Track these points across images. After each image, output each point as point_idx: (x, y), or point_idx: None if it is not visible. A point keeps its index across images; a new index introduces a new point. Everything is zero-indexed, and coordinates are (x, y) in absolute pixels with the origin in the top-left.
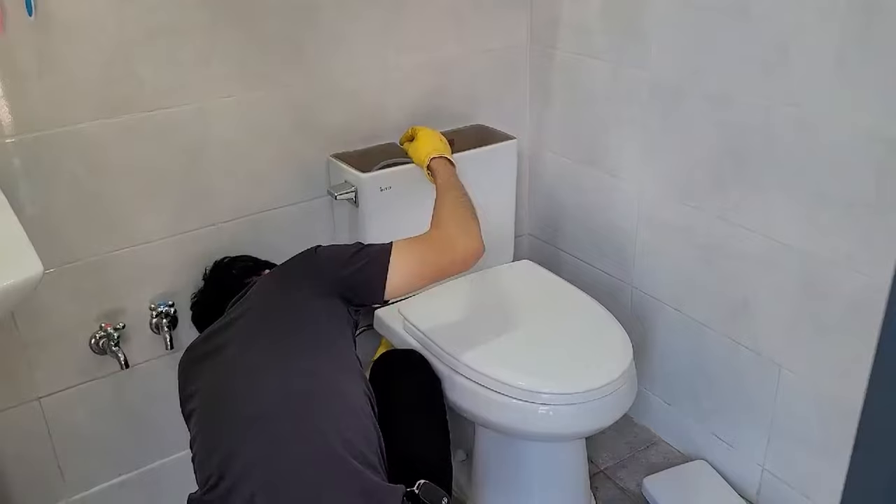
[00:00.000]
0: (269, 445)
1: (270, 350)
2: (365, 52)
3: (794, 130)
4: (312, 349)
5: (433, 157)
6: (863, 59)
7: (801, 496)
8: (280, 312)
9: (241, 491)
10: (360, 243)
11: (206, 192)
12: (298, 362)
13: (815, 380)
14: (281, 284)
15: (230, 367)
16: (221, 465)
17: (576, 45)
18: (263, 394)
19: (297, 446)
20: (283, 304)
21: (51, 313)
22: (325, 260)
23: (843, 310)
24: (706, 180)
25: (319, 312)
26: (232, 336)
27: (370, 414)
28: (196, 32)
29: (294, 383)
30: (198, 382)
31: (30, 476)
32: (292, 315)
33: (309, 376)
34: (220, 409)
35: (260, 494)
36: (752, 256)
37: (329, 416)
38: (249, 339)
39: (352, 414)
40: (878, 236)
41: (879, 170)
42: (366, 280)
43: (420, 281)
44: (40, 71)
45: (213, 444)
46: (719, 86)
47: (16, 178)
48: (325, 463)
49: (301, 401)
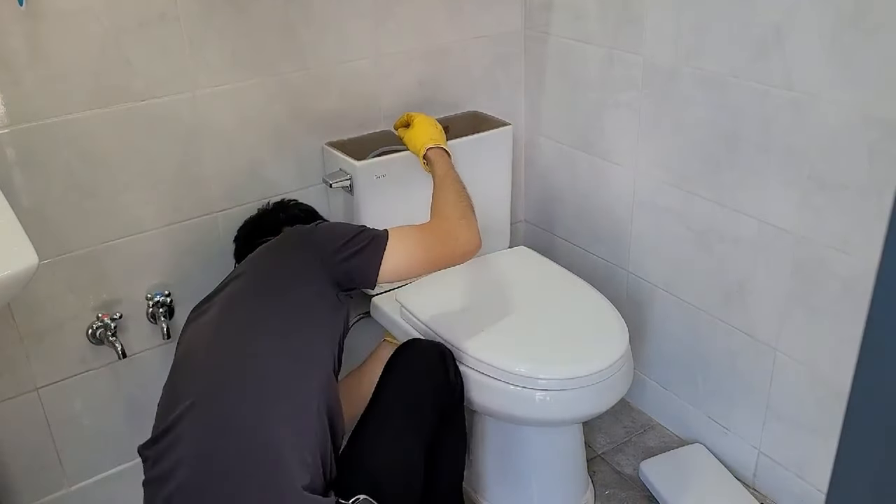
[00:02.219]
0: (203, 423)
1: (241, 325)
2: (358, 38)
3: (788, 113)
4: (281, 333)
5: (430, 148)
6: (856, 42)
7: (797, 478)
8: (263, 286)
9: (171, 457)
10: (362, 226)
11: (200, 182)
12: (263, 342)
13: (809, 362)
14: (272, 256)
15: (203, 331)
16: (167, 425)
17: (570, 30)
18: (219, 368)
19: (230, 433)
20: (269, 277)
21: (47, 304)
22: (323, 238)
23: (838, 293)
24: (700, 164)
25: (302, 294)
26: (217, 301)
27: (322, 413)
28: (188, 21)
29: (251, 364)
30: (181, 339)
31: (29, 466)
32: (274, 292)
33: (268, 359)
34: (182, 370)
35: (184, 467)
36: (747, 240)
37: (273, 406)
38: (228, 308)
39: (298, 409)
40: (871, 219)
41: (873, 152)
42: (360, 264)
43: (416, 268)
44: (32, 61)
45: (167, 401)
46: (713, 69)
47: (10, 168)
48: (254, 457)
49: (253, 383)
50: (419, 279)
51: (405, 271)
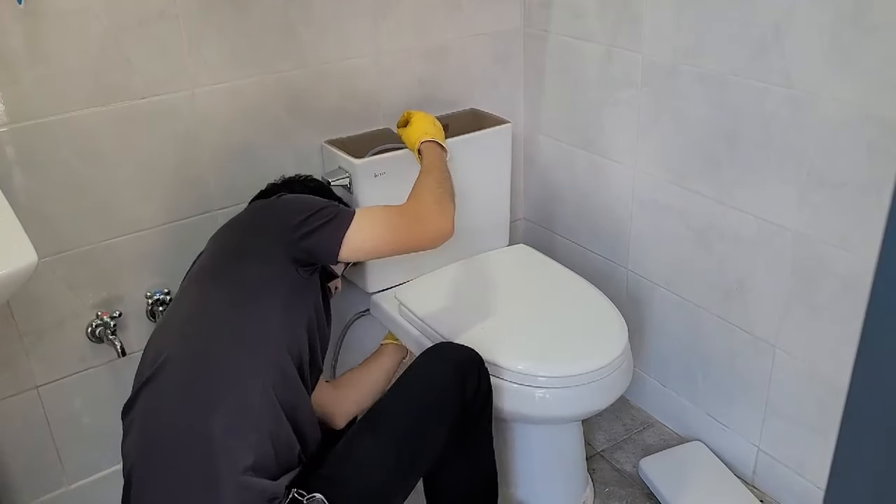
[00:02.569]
0: (147, 408)
1: (194, 304)
2: (358, 36)
3: (787, 111)
4: (228, 312)
5: (424, 141)
6: (856, 40)
7: (796, 475)
8: (221, 262)
9: (128, 438)
10: (328, 201)
11: (199, 180)
12: (206, 322)
13: (808, 360)
14: (231, 232)
15: (175, 304)
16: (129, 400)
17: (569, 28)
18: (167, 347)
19: (166, 416)
20: (226, 255)
21: (47, 302)
22: (283, 212)
23: (837, 290)
24: (700, 162)
25: (257, 270)
26: (190, 273)
27: (268, 390)
28: (188, 19)
29: (193, 345)
30: None
31: (29, 464)
32: (228, 269)
33: (210, 340)
34: (151, 341)
35: (134, 454)
36: (746, 238)
37: (209, 386)
38: (187, 287)
39: (237, 388)
40: (871, 216)
41: (872, 150)
42: (320, 240)
43: (382, 248)
44: (31, 59)
45: (139, 368)
46: (713, 67)
47: (9, 167)
48: (186, 440)
49: (194, 363)
50: (419, 276)
51: (370, 250)
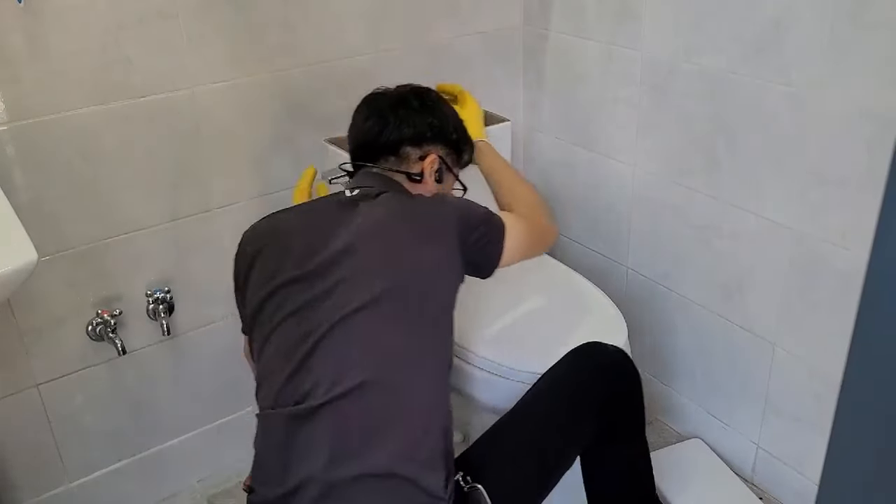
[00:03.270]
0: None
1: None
2: (357, 34)
3: (786, 108)
4: (401, 325)
5: (481, 140)
6: (855, 37)
7: (796, 472)
8: (392, 255)
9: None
10: (486, 209)
11: (200, 178)
12: (383, 337)
13: (808, 357)
14: (400, 229)
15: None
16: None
17: (569, 27)
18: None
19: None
20: (389, 259)
21: (47, 301)
22: (458, 215)
23: (836, 287)
24: (699, 160)
25: (435, 276)
26: (322, 254)
27: (440, 404)
28: (187, 17)
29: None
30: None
31: (30, 462)
32: (405, 271)
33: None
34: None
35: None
36: (746, 235)
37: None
38: (347, 276)
39: (413, 415)
40: (870, 214)
41: (871, 147)
42: (488, 253)
43: (516, 260)
44: (31, 57)
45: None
46: (712, 64)
47: (9, 165)
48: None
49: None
50: None
51: (507, 263)
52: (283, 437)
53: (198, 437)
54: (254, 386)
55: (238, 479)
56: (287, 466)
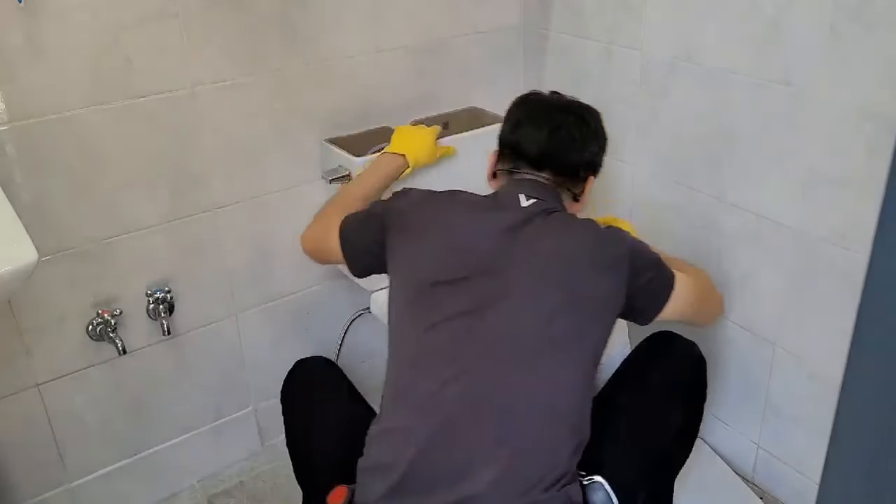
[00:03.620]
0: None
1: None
2: (357, 34)
3: (786, 108)
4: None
5: None
6: (855, 36)
7: (796, 472)
8: (568, 299)
9: None
10: (657, 256)
11: (200, 178)
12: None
13: (808, 357)
14: (577, 264)
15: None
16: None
17: (568, 26)
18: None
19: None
20: (577, 292)
21: (47, 300)
22: (632, 253)
23: (836, 287)
24: (699, 159)
25: (603, 309)
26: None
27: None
28: (187, 16)
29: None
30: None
31: (30, 462)
32: (581, 297)
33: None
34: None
35: None
36: (746, 235)
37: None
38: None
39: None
40: (870, 213)
41: (871, 147)
42: (653, 296)
43: (675, 318)
44: (31, 57)
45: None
46: (712, 64)
47: (9, 165)
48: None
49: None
50: None
51: (668, 317)
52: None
53: (198, 436)
54: (255, 384)
55: (238, 478)
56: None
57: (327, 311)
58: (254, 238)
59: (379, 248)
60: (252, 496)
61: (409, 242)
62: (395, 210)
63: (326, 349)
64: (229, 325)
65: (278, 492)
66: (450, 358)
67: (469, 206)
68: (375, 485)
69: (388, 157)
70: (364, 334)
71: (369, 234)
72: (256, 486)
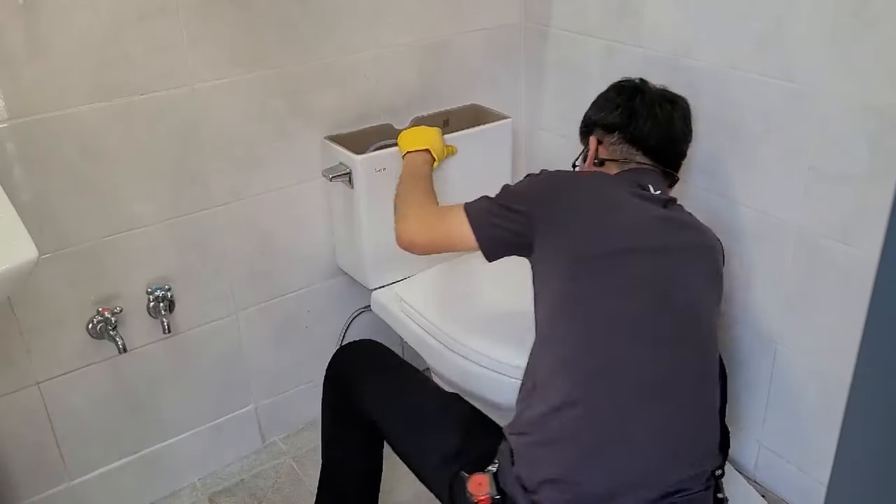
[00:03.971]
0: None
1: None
2: (358, 31)
3: (788, 104)
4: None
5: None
6: (857, 32)
7: (798, 470)
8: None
9: None
10: None
11: (200, 176)
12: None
13: (810, 355)
14: (708, 239)
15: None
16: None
17: (570, 23)
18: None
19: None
20: (716, 265)
21: (48, 298)
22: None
23: (838, 284)
24: (701, 156)
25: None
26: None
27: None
28: (187, 14)
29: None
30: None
31: (31, 460)
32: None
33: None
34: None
35: None
36: (748, 232)
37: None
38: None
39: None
40: (872, 210)
41: (873, 143)
42: None
43: None
44: (31, 55)
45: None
46: (713, 61)
47: (10, 163)
48: None
49: None
50: (420, 272)
51: None
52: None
53: (198, 435)
54: (255, 382)
55: (239, 476)
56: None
57: (328, 310)
58: (254, 236)
59: (526, 228)
60: (252, 494)
61: (574, 220)
62: (545, 189)
63: (326, 348)
64: (230, 324)
65: (279, 490)
66: (651, 335)
67: (618, 186)
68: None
69: (415, 155)
70: (364, 332)
71: (512, 218)
72: (257, 484)
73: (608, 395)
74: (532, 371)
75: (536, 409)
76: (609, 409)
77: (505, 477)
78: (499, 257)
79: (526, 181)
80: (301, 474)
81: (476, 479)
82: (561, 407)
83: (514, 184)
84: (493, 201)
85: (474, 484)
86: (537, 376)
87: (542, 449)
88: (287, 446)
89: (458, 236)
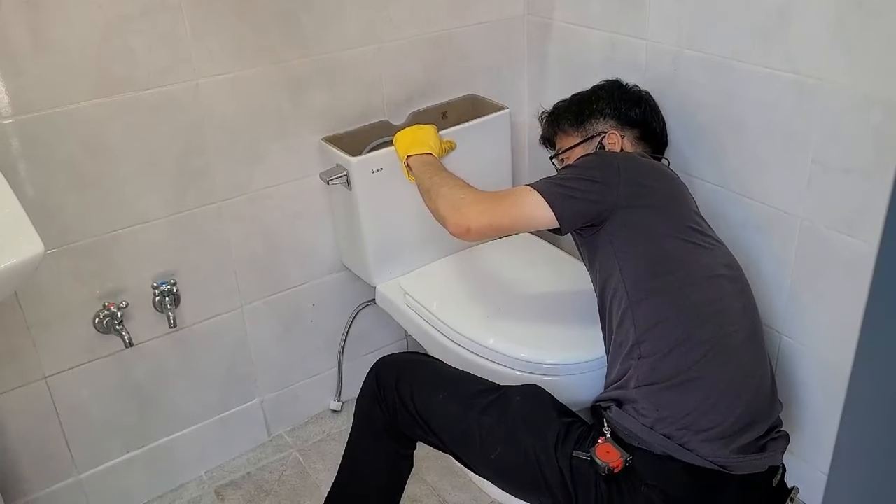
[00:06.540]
0: None
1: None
2: (360, 25)
3: (792, 96)
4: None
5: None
6: (861, 24)
7: (802, 461)
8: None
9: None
10: None
11: (203, 171)
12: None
13: (814, 347)
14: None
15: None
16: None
17: (572, 15)
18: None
19: None
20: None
21: (54, 293)
22: None
23: (842, 277)
24: (705, 148)
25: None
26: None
27: None
28: (190, 8)
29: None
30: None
31: (38, 454)
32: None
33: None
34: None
35: None
36: (751, 224)
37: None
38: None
39: None
40: (876, 202)
41: (877, 135)
42: None
43: None
44: (34, 51)
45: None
46: (717, 53)
47: (15, 159)
48: None
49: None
50: (423, 266)
51: None
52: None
53: (205, 428)
54: (261, 376)
55: (245, 469)
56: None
57: (332, 303)
58: (259, 231)
59: (605, 195)
60: (259, 487)
61: (658, 185)
62: (612, 163)
63: (331, 341)
64: (235, 318)
65: (285, 482)
66: (737, 291)
67: (665, 167)
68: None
69: (421, 157)
70: (369, 326)
71: (589, 188)
72: (263, 476)
73: (723, 336)
74: (628, 330)
75: (652, 359)
76: (727, 348)
77: (629, 434)
78: (573, 229)
79: (583, 160)
80: (307, 467)
81: (603, 448)
82: (683, 350)
83: (574, 162)
84: (563, 178)
85: (603, 452)
86: (642, 331)
87: (670, 392)
88: (293, 439)
89: (528, 214)
